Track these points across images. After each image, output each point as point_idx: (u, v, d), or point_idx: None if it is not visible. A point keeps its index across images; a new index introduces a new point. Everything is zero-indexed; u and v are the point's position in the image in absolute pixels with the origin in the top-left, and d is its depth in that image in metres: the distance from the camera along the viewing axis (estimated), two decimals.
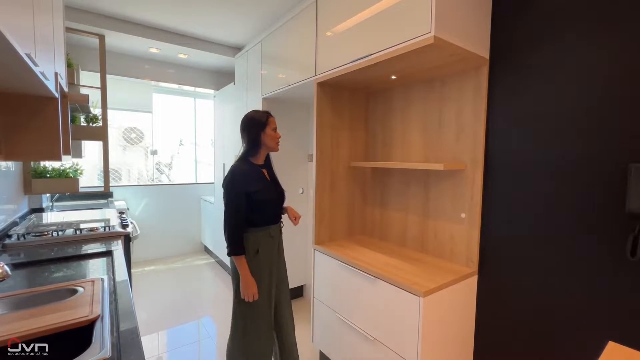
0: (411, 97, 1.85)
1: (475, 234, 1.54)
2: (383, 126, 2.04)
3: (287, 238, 2.77)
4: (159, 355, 2.14)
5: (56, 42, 1.52)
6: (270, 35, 2.41)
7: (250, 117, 1.56)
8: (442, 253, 1.70)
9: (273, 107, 2.62)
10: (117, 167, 4.17)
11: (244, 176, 1.46)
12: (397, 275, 1.44)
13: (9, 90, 1.18)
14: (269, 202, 1.53)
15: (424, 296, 1.28)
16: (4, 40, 0.66)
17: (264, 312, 1.53)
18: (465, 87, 1.56)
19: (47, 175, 2.29)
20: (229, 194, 1.45)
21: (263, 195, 1.49)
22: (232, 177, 1.45)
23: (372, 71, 1.62)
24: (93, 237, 1.82)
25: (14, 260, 1.47)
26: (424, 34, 1.23)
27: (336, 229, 2.06)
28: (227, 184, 1.46)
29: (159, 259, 3.96)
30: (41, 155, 1.28)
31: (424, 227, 1.80)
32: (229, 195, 1.45)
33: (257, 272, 1.50)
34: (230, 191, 1.44)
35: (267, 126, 1.54)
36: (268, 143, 1.55)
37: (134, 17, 2.59)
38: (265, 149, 1.57)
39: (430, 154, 1.75)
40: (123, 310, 1.03)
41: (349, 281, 1.67)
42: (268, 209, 1.53)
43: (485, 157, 1.51)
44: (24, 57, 0.75)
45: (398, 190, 1.96)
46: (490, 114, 1.49)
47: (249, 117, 1.56)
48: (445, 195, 1.67)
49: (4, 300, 1.09)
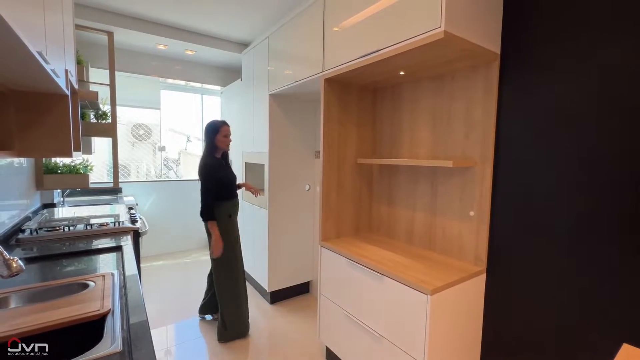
0: (419, 93, 1.82)
1: (484, 232, 1.53)
2: (391, 123, 2.02)
3: (293, 234, 2.80)
4: (167, 348, 2.18)
5: (66, 40, 1.54)
6: (277, 31, 2.39)
7: (208, 125, 2.13)
8: (450, 251, 1.69)
9: (280, 103, 2.61)
10: (126, 163, 4.22)
11: (214, 167, 2.07)
12: (405, 273, 1.43)
13: (21, 88, 1.19)
14: (231, 183, 2.18)
15: (431, 294, 1.28)
16: (16, 38, 0.67)
17: (239, 258, 2.23)
18: (476, 82, 1.53)
19: (58, 171, 2.33)
20: (206, 179, 2.04)
21: (226, 179, 2.13)
22: (206, 168, 2.07)
23: (381, 67, 1.60)
24: (103, 232, 1.85)
25: (27, 255, 1.50)
26: (433, 28, 1.21)
27: (343, 226, 2.05)
28: (204, 172, 2.06)
29: (168, 254, 4.01)
30: (53, 152, 1.30)
31: (432, 224, 1.78)
32: (206, 179, 2.04)
33: (232, 231, 2.18)
34: (207, 177, 2.05)
35: (219, 133, 2.10)
36: (220, 145, 2.12)
37: (142, 13, 2.60)
38: (220, 148, 2.14)
39: (439, 151, 1.72)
40: (133, 304, 1.04)
41: (355, 278, 1.67)
42: (231, 188, 2.18)
43: (495, 154, 1.49)
44: (35, 54, 0.76)
45: (405, 187, 1.94)
46: (502, 110, 1.46)
47: (209, 125, 2.13)
48: (454, 192, 1.66)
49: (18, 293, 1.12)
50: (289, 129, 2.70)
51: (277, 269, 2.72)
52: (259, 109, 2.76)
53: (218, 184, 2.06)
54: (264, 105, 2.63)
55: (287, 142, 2.70)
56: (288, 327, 2.42)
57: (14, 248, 1.58)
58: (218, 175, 2.06)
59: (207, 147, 2.12)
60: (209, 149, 2.12)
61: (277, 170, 2.65)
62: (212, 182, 2.03)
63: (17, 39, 0.68)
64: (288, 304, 2.79)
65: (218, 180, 2.06)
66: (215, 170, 2.06)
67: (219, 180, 2.06)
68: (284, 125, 2.66)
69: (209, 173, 2.05)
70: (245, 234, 3.15)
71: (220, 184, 2.07)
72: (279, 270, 2.73)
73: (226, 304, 2.17)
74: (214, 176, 2.04)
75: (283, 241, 2.74)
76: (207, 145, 2.13)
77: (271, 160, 2.62)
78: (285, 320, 2.51)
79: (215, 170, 2.06)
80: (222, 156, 2.18)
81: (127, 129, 4.22)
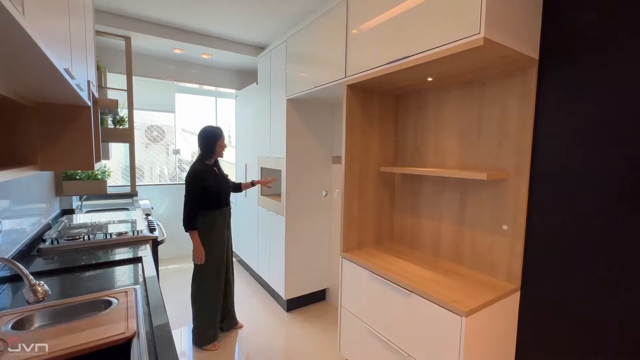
0: (446, 100, 1.74)
1: (519, 247, 1.44)
2: (414, 130, 1.94)
3: (310, 241, 2.75)
4: (182, 350, 2.21)
5: (88, 48, 1.51)
6: (296, 34, 2.34)
7: (208, 131, 2.13)
8: (480, 265, 1.61)
9: (297, 107, 2.56)
10: (140, 164, 4.24)
11: (200, 173, 2.03)
12: (435, 290, 1.36)
13: (45, 100, 1.17)
14: (219, 191, 2.11)
15: (466, 316, 1.20)
16: (43, 56, 0.63)
17: (222, 265, 2.20)
18: (510, 89, 1.45)
19: (76, 177, 2.33)
20: (191, 187, 2.01)
21: (213, 188, 2.07)
22: (192, 175, 2.03)
23: (409, 73, 1.53)
24: (122, 242, 1.83)
25: (49, 266, 1.49)
26: (472, 34, 1.13)
27: (364, 236, 1.99)
28: (189, 180, 2.03)
29: (182, 257, 4.01)
30: (75, 165, 1.27)
31: (460, 237, 1.70)
32: (191, 188, 2.01)
33: (214, 240, 2.12)
34: (191, 185, 2.02)
35: (221, 139, 2.13)
36: (220, 151, 2.15)
37: (159, 18, 2.58)
38: (216, 154, 2.15)
39: (468, 161, 1.64)
40: (159, 327, 1.00)
41: (380, 292, 1.61)
42: (218, 197, 2.11)
43: (531, 165, 1.40)
44: (62, 72, 0.72)
45: (431, 197, 1.86)
46: (540, 119, 1.38)
47: (207, 131, 2.12)
48: (485, 204, 1.57)
49: (42, 311, 1.09)
50: (306, 134, 2.65)
51: (294, 276, 2.67)
52: (275, 114, 2.71)
53: (204, 193, 2.03)
54: (281, 110, 2.58)
55: (305, 148, 2.65)
56: (305, 337, 2.37)
57: (35, 258, 1.57)
58: (204, 184, 2.03)
59: (201, 153, 2.12)
60: (202, 155, 2.12)
61: (294, 176, 2.61)
62: (198, 191, 2.01)
63: (44, 57, 0.64)
64: (304, 311, 2.74)
65: (204, 189, 2.03)
66: (202, 178, 2.03)
67: (204, 189, 2.03)
68: (301, 130, 2.61)
69: (194, 182, 2.02)
70: (261, 240, 3.12)
71: (206, 193, 2.04)
72: (296, 278, 2.69)
73: (198, 307, 2.18)
74: (199, 185, 2.01)
75: (300, 248, 2.69)
76: (202, 151, 2.12)
77: (289, 167, 2.57)
78: (303, 330, 2.47)
79: (202, 179, 2.03)
80: (213, 163, 2.18)
81: (140, 131, 4.24)
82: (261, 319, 2.61)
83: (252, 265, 3.40)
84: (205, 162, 2.13)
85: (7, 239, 1.43)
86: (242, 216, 3.61)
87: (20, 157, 1.13)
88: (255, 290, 3.16)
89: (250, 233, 3.40)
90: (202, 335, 2.18)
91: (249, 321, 2.57)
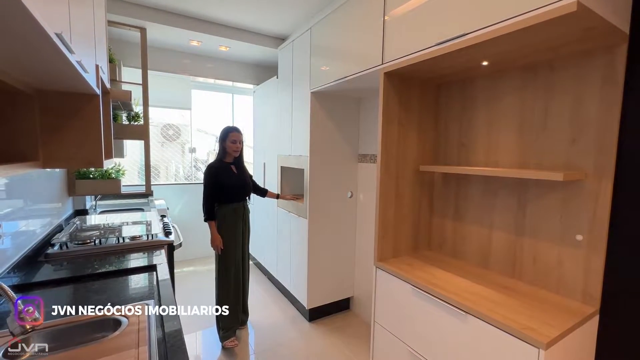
0: (501, 89, 1.51)
1: (599, 263, 1.20)
2: (459, 123, 1.71)
3: (334, 246, 2.54)
4: (196, 354, 2.15)
5: (97, 34, 1.36)
6: (322, 21, 2.14)
7: (222, 130, 2.22)
8: (544, 282, 1.37)
9: (322, 101, 2.36)
10: (156, 163, 4.14)
11: (213, 170, 2.16)
12: (497, 313, 1.14)
13: (47, 86, 1.01)
14: (232, 187, 2.19)
15: (545, 348, 0.98)
16: (23, 8, 0.45)
17: (234, 258, 2.22)
18: (589, 72, 1.21)
19: (90, 176, 2.21)
20: (205, 182, 2.16)
21: (224, 183, 2.16)
22: (207, 171, 2.18)
23: (462, 56, 1.30)
24: (136, 247, 1.68)
25: (55, 273, 1.34)
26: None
27: (400, 243, 1.78)
28: (204, 175, 2.18)
29: (198, 259, 3.88)
30: (82, 161, 1.12)
31: (517, 247, 1.47)
32: (205, 182, 2.16)
33: (227, 231, 2.19)
34: (205, 180, 2.16)
35: (227, 138, 2.18)
36: (228, 150, 2.19)
37: (175, 7, 2.43)
38: (229, 153, 2.20)
39: (529, 159, 1.41)
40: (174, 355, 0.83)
41: (425, 310, 1.39)
42: (232, 192, 2.20)
43: (617, 164, 1.16)
44: (52, 36, 0.54)
45: (479, 200, 1.63)
46: (629, 108, 1.13)
47: (222, 131, 2.22)
48: (552, 209, 1.33)
49: (41, 332, 0.94)
50: (331, 130, 2.45)
51: (317, 284, 2.48)
52: (298, 109, 2.52)
53: (216, 187, 2.15)
54: (305, 105, 2.39)
55: (329, 145, 2.45)
56: (330, 351, 2.17)
57: (42, 265, 1.43)
58: (217, 179, 2.14)
59: (219, 151, 2.26)
60: (219, 153, 2.24)
61: (318, 175, 2.41)
62: (211, 185, 2.15)
63: (26, 10, 0.46)
64: (328, 322, 2.54)
65: (216, 184, 2.14)
66: (215, 174, 2.15)
67: (216, 184, 2.14)
68: (326, 126, 2.41)
69: (206, 177, 2.17)
70: (280, 244, 2.94)
71: (217, 187, 2.15)
72: (319, 285, 2.49)
73: (220, 299, 2.23)
74: (212, 180, 2.14)
75: (324, 253, 2.49)
76: (219, 149, 2.27)
77: (312, 165, 2.38)
78: (326, 342, 2.27)
79: (215, 174, 2.15)
80: (233, 160, 2.25)
81: (157, 129, 4.14)
82: (283, 331, 2.43)
83: (270, 269, 3.23)
84: (223, 160, 2.21)
85: (14, 242, 1.30)
86: (260, 217, 3.45)
87: (18, 151, 0.97)
88: (274, 297, 2.98)
89: (268, 235, 3.23)
90: (219, 330, 2.23)
91: (270, 332, 2.40)
